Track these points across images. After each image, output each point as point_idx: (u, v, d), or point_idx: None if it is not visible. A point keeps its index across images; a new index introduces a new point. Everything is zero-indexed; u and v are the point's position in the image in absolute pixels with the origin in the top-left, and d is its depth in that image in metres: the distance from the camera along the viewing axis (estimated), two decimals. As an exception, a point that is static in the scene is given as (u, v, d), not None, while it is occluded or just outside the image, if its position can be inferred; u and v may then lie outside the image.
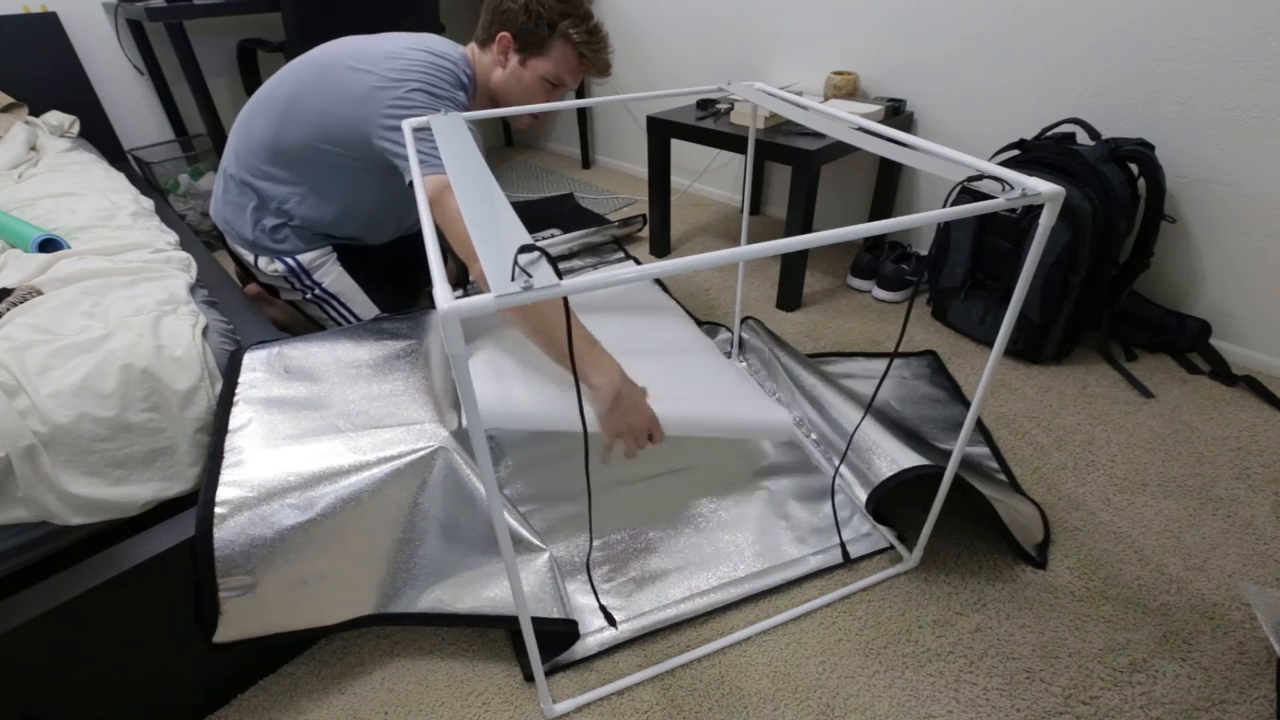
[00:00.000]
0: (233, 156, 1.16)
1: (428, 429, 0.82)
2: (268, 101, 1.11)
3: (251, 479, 0.73)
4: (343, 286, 1.21)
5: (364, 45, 1.07)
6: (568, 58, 1.11)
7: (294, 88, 1.08)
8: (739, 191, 2.27)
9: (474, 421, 0.50)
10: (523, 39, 1.09)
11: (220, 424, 0.80)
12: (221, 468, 0.74)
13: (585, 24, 1.10)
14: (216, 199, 1.21)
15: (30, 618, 0.62)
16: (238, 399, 0.83)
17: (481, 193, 0.57)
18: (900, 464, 0.93)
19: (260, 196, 1.15)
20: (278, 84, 1.11)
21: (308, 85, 1.07)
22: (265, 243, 1.17)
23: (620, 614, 0.88)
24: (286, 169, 1.12)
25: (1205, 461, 1.10)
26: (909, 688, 0.80)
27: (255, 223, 1.16)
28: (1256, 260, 1.27)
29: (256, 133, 1.12)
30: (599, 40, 1.13)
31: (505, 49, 1.10)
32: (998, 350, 0.71)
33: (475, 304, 0.43)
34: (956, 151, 0.66)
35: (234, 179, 1.16)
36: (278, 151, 1.10)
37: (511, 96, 1.14)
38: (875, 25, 1.67)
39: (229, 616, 0.72)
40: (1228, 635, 0.83)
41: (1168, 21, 1.23)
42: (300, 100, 1.07)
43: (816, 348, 1.46)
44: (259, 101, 1.12)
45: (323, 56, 1.08)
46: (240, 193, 1.16)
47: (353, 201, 1.16)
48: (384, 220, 1.24)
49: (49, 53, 1.97)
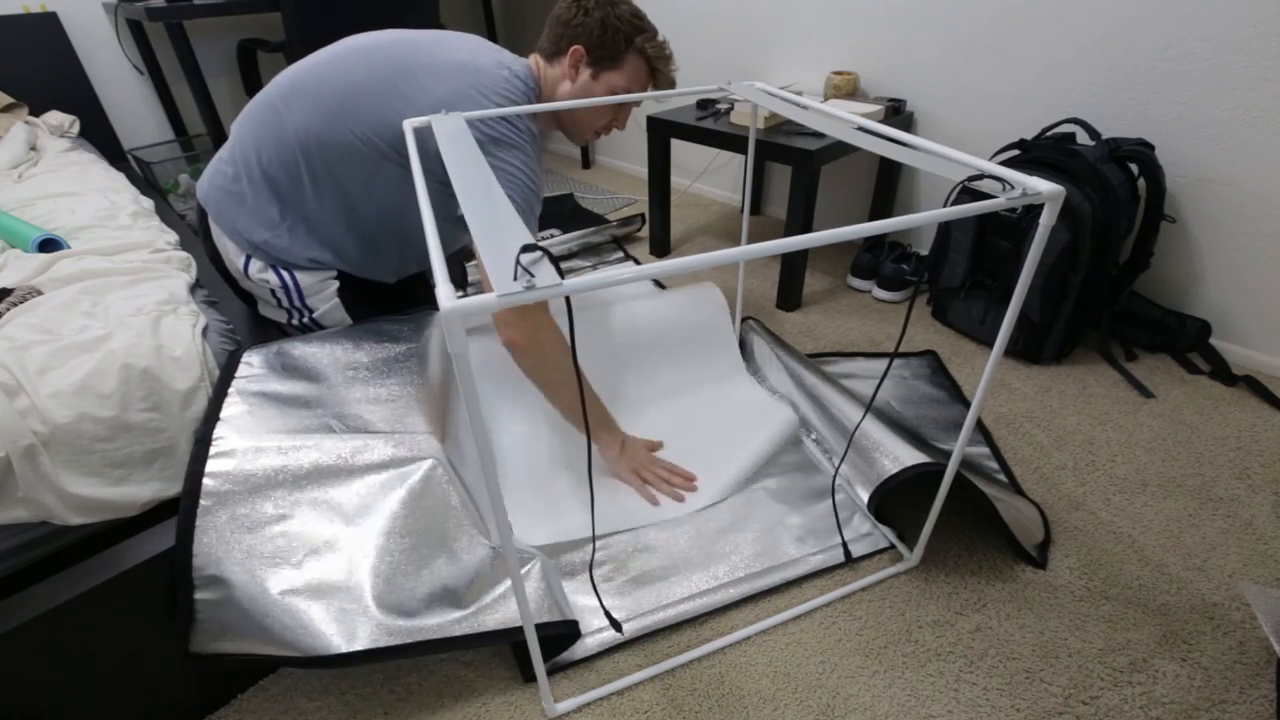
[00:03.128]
0: (253, 148, 1.02)
1: (420, 440, 0.81)
2: (311, 94, 0.99)
3: (239, 471, 0.73)
4: (334, 320, 1.12)
5: (433, 49, 1.02)
6: (639, 71, 1.13)
7: (357, 81, 0.98)
8: (739, 191, 2.27)
9: (476, 422, 0.50)
10: (596, 52, 1.09)
11: (211, 412, 0.79)
12: (208, 455, 0.74)
13: (656, 39, 1.13)
14: (218, 187, 1.05)
15: (30, 618, 0.62)
16: (232, 391, 0.83)
17: (482, 192, 0.57)
18: (904, 461, 0.93)
19: (283, 200, 1.03)
20: (325, 75, 1.00)
21: (379, 80, 0.98)
22: (272, 249, 1.05)
23: (621, 614, 0.88)
24: (327, 170, 1.01)
25: (1205, 461, 1.10)
26: (909, 688, 0.80)
27: (271, 226, 1.04)
28: (1256, 260, 1.27)
29: (292, 125, 0.99)
30: (668, 56, 1.15)
31: (577, 62, 1.10)
32: (998, 350, 0.71)
33: (477, 304, 0.43)
34: (957, 151, 0.66)
35: (256, 173, 1.02)
36: (322, 147, 0.99)
37: (579, 111, 1.14)
38: (875, 25, 1.67)
39: (203, 625, 0.70)
40: (1228, 635, 0.83)
41: (1168, 21, 1.23)
42: (363, 94, 0.98)
43: (816, 348, 1.46)
44: (292, 92, 1.00)
45: (389, 53, 1.00)
46: (260, 189, 1.03)
47: (390, 219, 1.07)
48: (413, 245, 1.14)
49: (49, 53, 1.97)
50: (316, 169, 1.00)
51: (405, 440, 0.81)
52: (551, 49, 1.11)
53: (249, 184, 1.03)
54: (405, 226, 1.09)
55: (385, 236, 1.09)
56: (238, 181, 1.03)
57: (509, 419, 1.18)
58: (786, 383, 1.23)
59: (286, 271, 1.06)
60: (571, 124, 1.16)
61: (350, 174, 1.01)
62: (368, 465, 0.77)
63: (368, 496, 0.76)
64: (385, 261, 1.13)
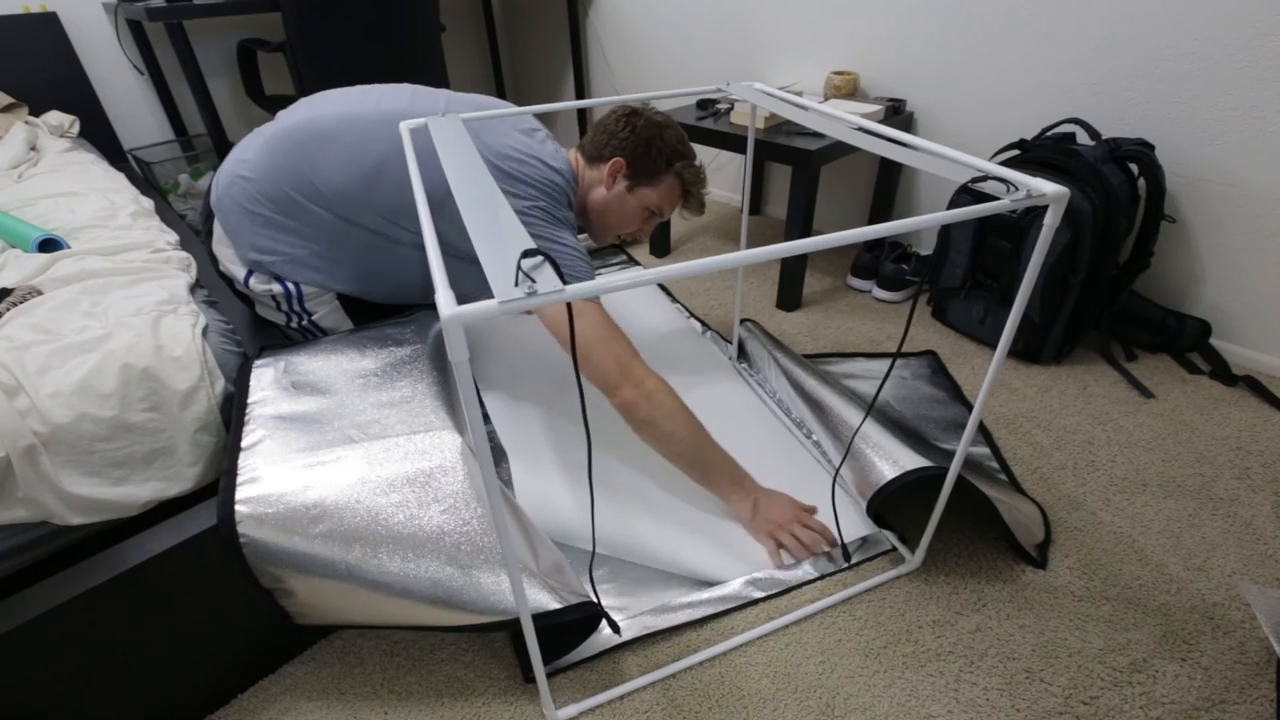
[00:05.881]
0: (279, 178, 1.00)
1: (443, 436, 0.82)
2: (355, 150, 0.99)
3: (270, 494, 0.73)
4: (335, 323, 1.12)
5: (479, 134, 1.02)
6: (673, 192, 1.18)
7: (389, 150, 1.00)
8: (739, 191, 2.27)
9: (476, 422, 0.50)
10: (636, 167, 1.13)
11: (233, 443, 0.79)
12: (236, 485, 0.74)
13: (694, 165, 1.18)
14: (234, 200, 1.03)
15: (30, 618, 0.62)
16: (248, 418, 0.83)
17: (482, 196, 0.57)
18: (903, 465, 0.93)
19: (301, 233, 1.03)
20: (369, 136, 1.00)
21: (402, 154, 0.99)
22: (278, 269, 1.05)
23: (621, 615, 0.88)
24: (345, 224, 1.02)
25: (1205, 461, 1.10)
26: (909, 688, 0.80)
27: (284, 249, 1.04)
28: (1257, 260, 1.27)
29: (322, 173, 0.99)
30: (702, 181, 1.20)
31: (616, 173, 1.14)
32: (1001, 351, 0.70)
33: (479, 310, 0.42)
34: (959, 152, 0.66)
35: (282, 199, 1.01)
36: (344, 204, 1.01)
37: (609, 217, 1.17)
38: (875, 25, 1.67)
39: (297, 616, 0.78)
40: (1228, 635, 0.83)
41: (1168, 22, 1.23)
42: (395, 165, 1.00)
43: (816, 348, 1.46)
44: (328, 139, 1.00)
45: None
46: (280, 217, 1.02)
47: (398, 282, 1.11)
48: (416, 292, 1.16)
49: (49, 53, 1.97)
50: (336, 221, 1.02)
51: (428, 437, 0.81)
52: (594, 153, 1.15)
53: (269, 208, 1.02)
54: (411, 288, 1.13)
55: (393, 289, 1.12)
56: (257, 202, 1.02)
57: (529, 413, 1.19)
58: (784, 385, 1.23)
59: (291, 282, 1.06)
60: (600, 227, 1.20)
61: (367, 243, 1.04)
62: (395, 475, 0.77)
63: (401, 505, 0.76)
64: (388, 296, 1.15)
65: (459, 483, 0.78)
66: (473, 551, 0.76)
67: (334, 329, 1.12)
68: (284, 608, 0.78)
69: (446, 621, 0.76)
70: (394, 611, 0.76)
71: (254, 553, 0.72)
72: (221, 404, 0.87)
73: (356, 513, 0.74)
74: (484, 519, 0.77)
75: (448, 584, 0.75)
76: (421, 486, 0.77)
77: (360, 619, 0.79)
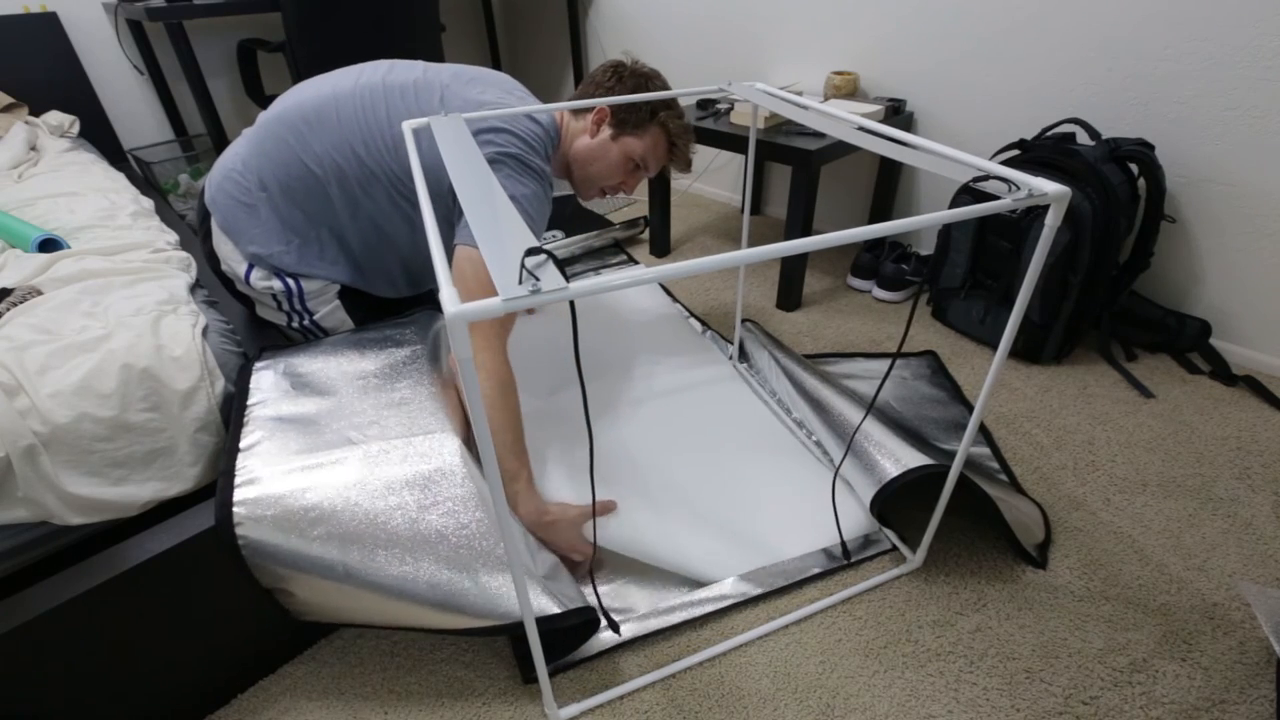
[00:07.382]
0: (272, 165, 1.00)
1: (442, 439, 0.82)
2: (334, 124, 0.99)
3: (267, 496, 0.73)
4: (336, 323, 1.11)
5: (462, 90, 1.02)
6: (659, 144, 1.15)
7: (381, 118, 1.00)
8: (739, 191, 2.27)
9: (477, 423, 0.50)
10: (620, 115, 1.11)
11: (231, 444, 0.79)
12: (234, 486, 0.74)
13: (681, 119, 1.15)
14: (229, 195, 1.02)
15: (30, 618, 0.62)
16: (247, 419, 0.83)
17: (485, 195, 0.57)
18: (906, 463, 0.93)
19: (300, 219, 1.02)
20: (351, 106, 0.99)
21: (400, 119, 0.98)
22: (279, 262, 1.03)
23: (621, 615, 0.88)
24: (348, 197, 1.01)
25: (1205, 461, 1.10)
26: (909, 688, 0.80)
27: (283, 241, 1.03)
28: (1256, 260, 1.27)
29: (315, 149, 0.99)
30: (689, 136, 1.17)
31: (600, 121, 1.12)
32: (1002, 351, 0.70)
33: (483, 308, 0.42)
34: (960, 151, 0.66)
35: (274, 189, 1.00)
36: (342, 176, 1.00)
37: (591, 166, 1.14)
38: (875, 25, 1.67)
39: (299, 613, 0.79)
40: (1228, 635, 0.83)
41: (1168, 22, 1.23)
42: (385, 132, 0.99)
43: (816, 348, 1.46)
44: (316, 117, 1.00)
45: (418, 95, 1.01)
46: (276, 206, 1.01)
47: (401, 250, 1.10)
48: (420, 273, 1.16)
49: (49, 53, 1.97)
50: (336, 194, 1.01)
51: (427, 440, 0.81)
52: None
53: (263, 198, 1.01)
54: (415, 256, 1.11)
55: (395, 262, 1.11)
56: (251, 194, 1.01)
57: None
58: (785, 385, 1.23)
59: (292, 279, 1.05)
60: (582, 178, 1.17)
61: (369, 204, 1.03)
62: (394, 478, 0.77)
63: (399, 508, 0.76)
64: (391, 284, 1.15)
65: (458, 486, 0.78)
66: (472, 555, 0.76)
67: (335, 329, 1.11)
68: (284, 606, 0.78)
69: (446, 624, 0.76)
70: (394, 613, 0.76)
71: (253, 554, 0.72)
72: (221, 404, 0.87)
73: (355, 515, 0.74)
74: (483, 523, 0.77)
75: (447, 587, 0.75)
76: (421, 490, 0.77)
77: (360, 619, 0.79)
